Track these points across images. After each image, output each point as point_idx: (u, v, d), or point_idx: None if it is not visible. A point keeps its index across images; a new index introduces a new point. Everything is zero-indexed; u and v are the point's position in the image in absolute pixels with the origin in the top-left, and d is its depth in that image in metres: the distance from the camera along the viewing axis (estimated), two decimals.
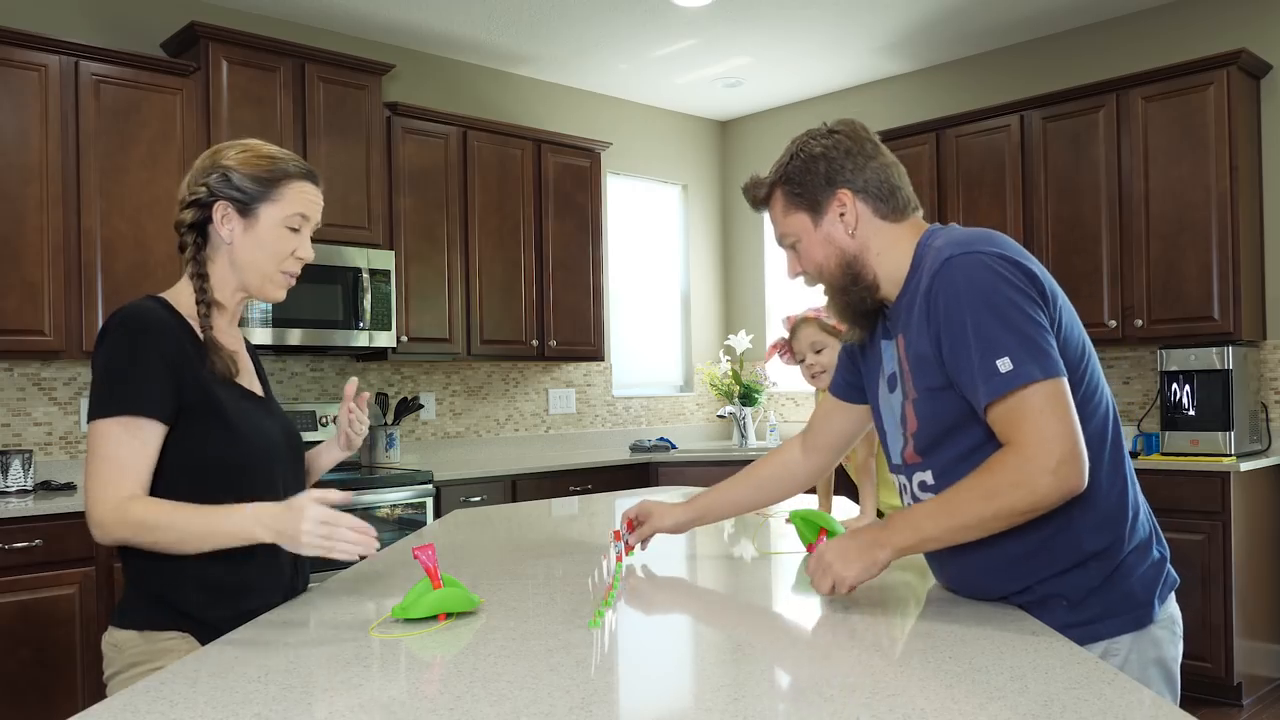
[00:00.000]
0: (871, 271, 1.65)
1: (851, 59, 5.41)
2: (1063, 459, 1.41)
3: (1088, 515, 1.52)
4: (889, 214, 1.65)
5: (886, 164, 1.68)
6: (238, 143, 1.75)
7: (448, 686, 1.18)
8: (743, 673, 1.24)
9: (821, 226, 1.65)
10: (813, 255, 1.67)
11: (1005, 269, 1.48)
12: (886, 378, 1.68)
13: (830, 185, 1.64)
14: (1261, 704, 3.98)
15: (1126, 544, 1.55)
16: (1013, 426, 1.44)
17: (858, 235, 1.64)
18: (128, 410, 1.56)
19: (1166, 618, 1.59)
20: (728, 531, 2.57)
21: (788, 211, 1.68)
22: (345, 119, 4.39)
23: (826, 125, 1.69)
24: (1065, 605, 1.54)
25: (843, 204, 1.64)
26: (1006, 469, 1.44)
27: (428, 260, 4.69)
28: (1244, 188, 4.27)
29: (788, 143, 1.72)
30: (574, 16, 4.73)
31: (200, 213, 1.69)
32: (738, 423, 5.75)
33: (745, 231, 6.47)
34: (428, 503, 4.24)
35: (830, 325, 2.60)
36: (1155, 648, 1.56)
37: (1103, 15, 4.84)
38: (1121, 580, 1.54)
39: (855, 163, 1.65)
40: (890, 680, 1.22)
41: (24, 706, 3.19)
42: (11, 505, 3.31)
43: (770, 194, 1.72)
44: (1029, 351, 1.44)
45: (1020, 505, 1.43)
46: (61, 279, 3.66)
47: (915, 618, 1.62)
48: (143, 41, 4.17)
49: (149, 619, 1.61)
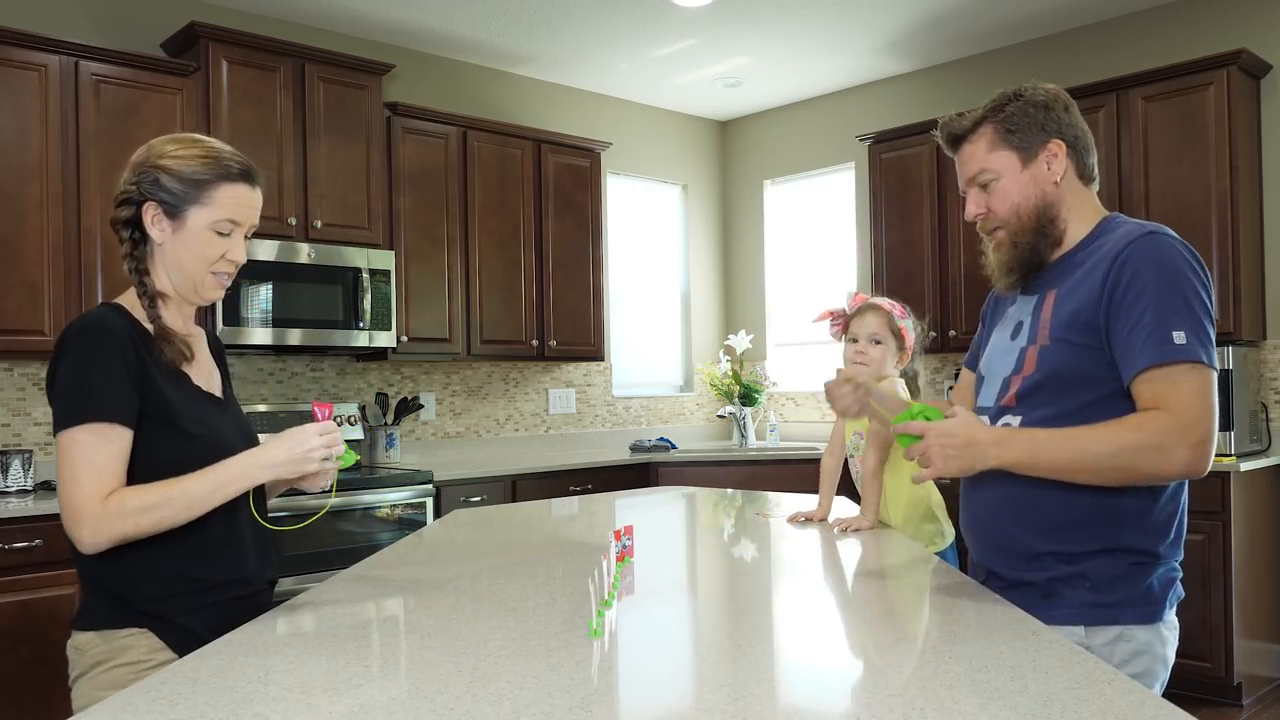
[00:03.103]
0: (1064, 224, 1.71)
1: (851, 59, 5.41)
2: (1203, 440, 1.48)
3: (1139, 516, 1.60)
4: (1083, 176, 1.73)
5: (1088, 131, 1.75)
6: (177, 138, 1.70)
7: (448, 686, 1.17)
8: (743, 673, 1.24)
9: (1028, 169, 1.70)
10: (1010, 195, 1.71)
11: (1198, 264, 1.59)
12: (1011, 326, 1.75)
13: (1045, 132, 1.70)
14: (1261, 704, 3.98)
15: (1158, 551, 1.63)
16: (1167, 395, 1.50)
17: (1060, 186, 1.70)
18: (97, 417, 1.54)
19: (1171, 622, 1.66)
20: (728, 531, 2.57)
21: (994, 148, 1.72)
22: (345, 119, 4.38)
23: (1036, 81, 1.76)
24: (1088, 586, 1.60)
25: (1054, 153, 1.70)
26: (1149, 430, 1.50)
27: (428, 260, 4.69)
28: (1244, 188, 4.27)
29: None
30: (574, 16, 4.73)
31: (132, 210, 1.66)
32: (738, 423, 5.75)
33: (745, 231, 6.47)
34: (428, 503, 4.24)
35: (898, 327, 2.59)
36: (1162, 645, 1.63)
37: (1103, 15, 4.84)
38: (1143, 576, 1.61)
39: (1070, 118, 1.72)
40: (890, 680, 1.22)
41: (24, 706, 3.19)
42: (11, 505, 3.31)
43: (976, 129, 1.75)
44: (1201, 337, 1.52)
45: (1147, 467, 1.50)
46: (61, 279, 3.66)
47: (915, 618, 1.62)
48: (143, 41, 4.17)
49: (107, 618, 1.60)
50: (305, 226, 4.24)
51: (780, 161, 6.24)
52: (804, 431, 6.09)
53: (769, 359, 6.25)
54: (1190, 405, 1.49)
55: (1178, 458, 1.48)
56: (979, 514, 1.75)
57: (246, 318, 4.01)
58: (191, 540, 1.61)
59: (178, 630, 1.59)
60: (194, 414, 1.66)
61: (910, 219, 5.17)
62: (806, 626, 1.56)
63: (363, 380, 4.84)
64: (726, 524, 2.68)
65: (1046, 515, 1.62)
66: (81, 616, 1.63)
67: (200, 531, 1.62)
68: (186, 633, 1.57)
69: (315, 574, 3.76)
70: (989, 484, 1.69)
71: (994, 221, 1.74)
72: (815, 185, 6.15)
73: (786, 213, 6.31)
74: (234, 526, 1.69)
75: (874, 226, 5.35)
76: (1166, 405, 1.50)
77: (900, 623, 1.58)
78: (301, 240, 4.21)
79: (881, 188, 5.30)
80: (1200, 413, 1.49)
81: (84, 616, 1.62)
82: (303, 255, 4.18)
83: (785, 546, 2.22)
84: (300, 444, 1.63)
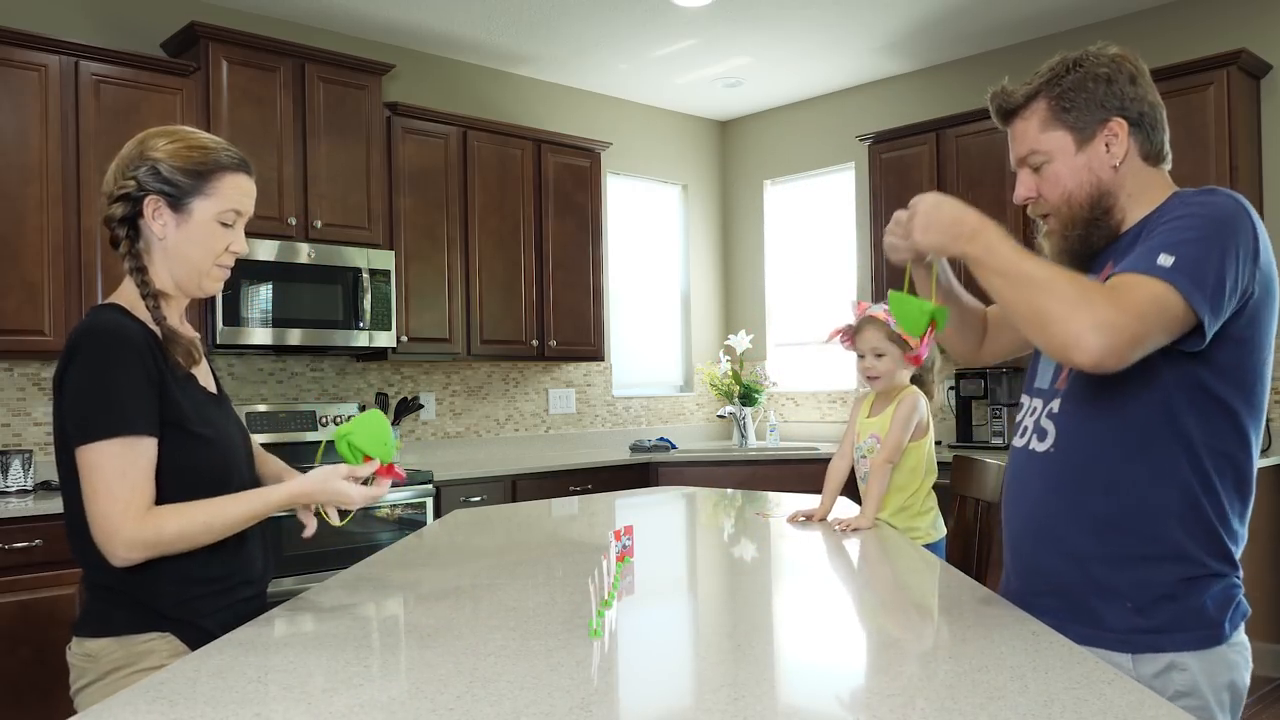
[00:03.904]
0: (1121, 212, 1.54)
1: (851, 59, 5.41)
2: (1115, 333, 1.31)
3: (1194, 520, 1.47)
4: (1150, 156, 1.55)
5: (1158, 103, 1.55)
6: (167, 130, 1.68)
7: (448, 686, 1.17)
8: (743, 673, 1.24)
9: (1084, 151, 1.52)
10: (1062, 180, 1.54)
11: (1246, 223, 1.40)
12: None
13: (1105, 109, 1.51)
14: (1262, 704, 3.98)
15: (1211, 563, 1.50)
16: (1120, 286, 1.36)
17: (1120, 170, 1.52)
18: (127, 431, 1.52)
19: (1239, 643, 1.52)
20: (728, 531, 2.57)
21: (1047, 126, 1.54)
22: (345, 119, 4.38)
23: (1102, 45, 1.56)
24: (1130, 608, 1.48)
25: (1114, 133, 1.51)
26: (1082, 288, 1.35)
27: (428, 260, 4.68)
28: (1244, 188, 4.26)
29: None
30: (574, 16, 4.73)
31: (130, 207, 1.64)
32: (738, 423, 5.75)
33: (745, 231, 6.47)
34: (428, 503, 4.24)
35: (897, 334, 2.57)
36: (1228, 670, 1.49)
37: (1103, 15, 4.84)
38: (1193, 595, 1.48)
39: (1136, 92, 1.52)
40: (890, 680, 1.22)
41: (24, 706, 3.19)
42: (11, 505, 3.31)
43: (1029, 104, 1.56)
44: (1194, 274, 1.34)
45: (1050, 318, 1.35)
46: (61, 279, 3.66)
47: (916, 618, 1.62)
48: (143, 41, 4.17)
49: (127, 623, 1.58)
50: (305, 226, 4.24)
51: (780, 161, 6.24)
52: (804, 431, 6.09)
53: (769, 359, 6.25)
54: (1134, 303, 1.32)
55: (1080, 328, 1.31)
56: (1020, 509, 1.62)
57: (246, 318, 4.01)
58: (209, 546, 1.61)
59: (198, 632, 1.57)
60: (204, 417, 1.66)
61: None
62: (806, 626, 1.56)
63: (363, 380, 4.84)
64: (726, 524, 2.68)
65: (1086, 513, 1.50)
66: (90, 622, 1.60)
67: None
68: (206, 634, 1.55)
69: (315, 574, 3.76)
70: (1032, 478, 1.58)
71: (1044, 207, 1.58)
72: (815, 185, 6.15)
73: (786, 213, 6.31)
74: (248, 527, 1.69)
75: (874, 226, 5.35)
76: (1114, 289, 1.36)
77: (900, 622, 1.58)
78: (301, 240, 4.21)
79: (881, 188, 5.30)
80: (1135, 314, 1.32)
81: (95, 622, 1.59)
82: (303, 255, 4.17)
83: (785, 546, 2.22)
84: (338, 496, 1.68)
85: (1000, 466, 2.41)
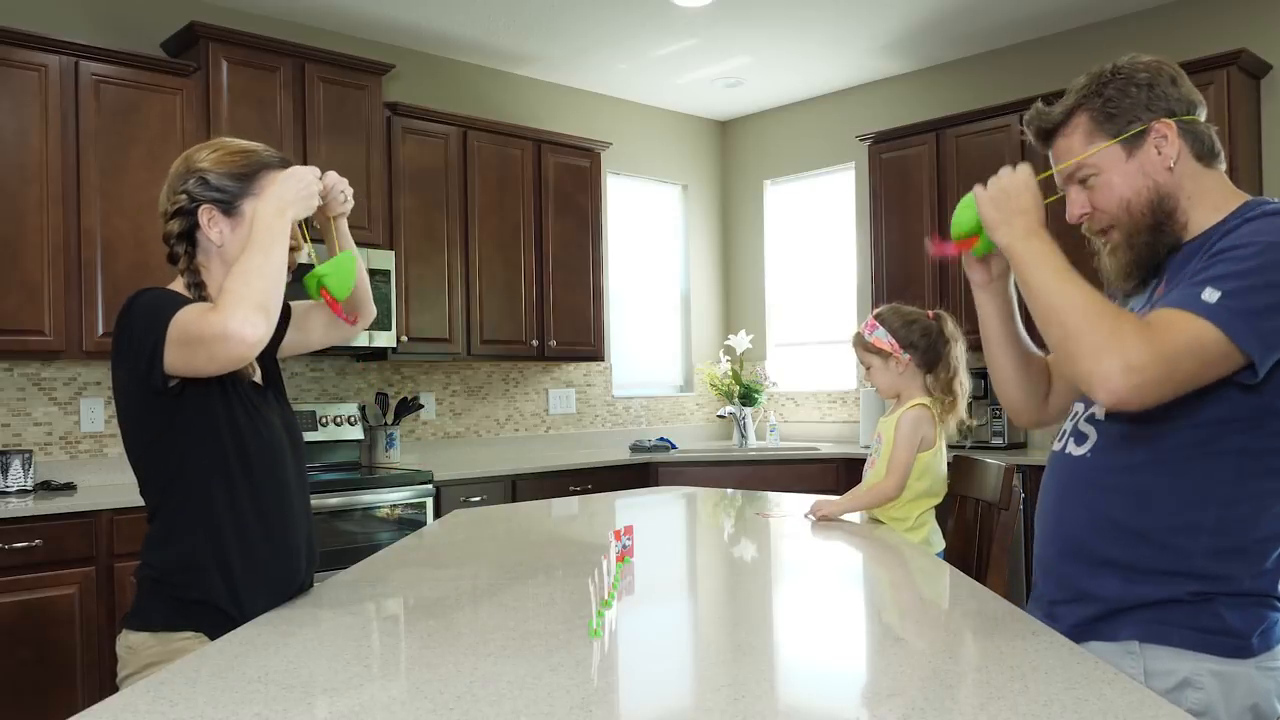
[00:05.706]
0: (1184, 215, 1.47)
1: (851, 59, 5.41)
2: (1142, 374, 1.27)
3: (1227, 539, 1.39)
4: (1203, 155, 1.49)
5: (1201, 102, 1.51)
6: (208, 143, 1.74)
7: (448, 686, 1.17)
8: (743, 673, 1.24)
9: (1135, 157, 1.47)
10: (1117, 191, 1.49)
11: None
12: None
13: (1151, 112, 1.47)
14: None
15: (1243, 582, 1.40)
16: (1158, 323, 1.31)
17: (1175, 171, 1.46)
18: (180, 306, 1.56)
19: (1273, 667, 1.40)
20: (728, 531, 2.57)
21: (1093, 138, 1.50)
22: (345, 119, 4.38)
23: (1133, 56, 1.53)
24: (1147, 616, 1.42)
25: (1163, 134, 1.46)
26: (1118, 322, 1.31)
27: (428, 260, 4.68)
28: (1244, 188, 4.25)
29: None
30: (574, 16, 4.73)
31: (186, 221, 1.69)
32: (738, 423, 5.75)
33: (745, 231, 6.47)
34: (428, 503, 4.24)
35: (874, 345, 2.60)
36: (1252, 693, 1.38)
37: (1103, 15, 4.84)
38: (1211, 607, 1.40)
39: (1179, 92, 1.49)
40: (890, 680, 1.22)
41: (24, 706, 3.19)
42: (11, 505, 3.31)
43: (1070, 119, 1.53)
44: (1244, 310, 1.28)
45: (1081, 347, 1.32)
46: (61, 279, 3.66)
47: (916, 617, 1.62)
48: (143, 41, 4.17)
49: (165, 620, 1.61)
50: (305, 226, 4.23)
51: (780, 161, 6.24)
52: (804, 432, 6.09)
53: (769, 359, 6.25)
54: (1167, 343, 1.27)
55: (1108, 369, 1.27)
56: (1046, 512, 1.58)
57: None
58: (256, 539, 1.65)
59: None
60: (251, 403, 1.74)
61: (910, 219, 5.17)
62: (806, 626, 1.56)
63: (362, 380, 4.84)
64: (726, 524, 2.68)
65: (1106, 519, 1.45)
66: (136, 616, 1.64)
67: (263, 531, 1.66)
68: None
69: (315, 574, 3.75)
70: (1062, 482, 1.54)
71: (1103, 221, 1.52)
72: (815, 185, 6.15)
73: (786, 213, 6.31)
74: (291, 523, 1.73)
75: (874, 226, 5.35)
76: (1150, 326, 1.31)
77: (900, 622, 1.58)
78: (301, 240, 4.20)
79: (881, 188, 5.30)
80: (1167, 356, 1.26)
81: (139, 616, 1.64)
82: (302, 255, 4.16)
83: (785, 546, 2.22)
84: (297, 179, 1.70)
85: (1000, 466, 2.42)
